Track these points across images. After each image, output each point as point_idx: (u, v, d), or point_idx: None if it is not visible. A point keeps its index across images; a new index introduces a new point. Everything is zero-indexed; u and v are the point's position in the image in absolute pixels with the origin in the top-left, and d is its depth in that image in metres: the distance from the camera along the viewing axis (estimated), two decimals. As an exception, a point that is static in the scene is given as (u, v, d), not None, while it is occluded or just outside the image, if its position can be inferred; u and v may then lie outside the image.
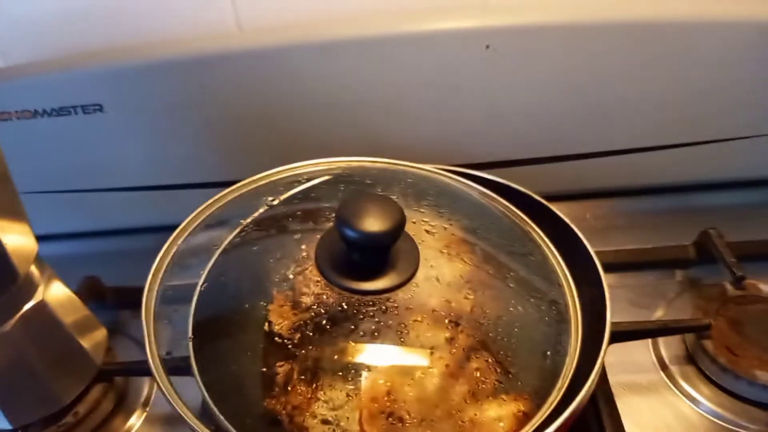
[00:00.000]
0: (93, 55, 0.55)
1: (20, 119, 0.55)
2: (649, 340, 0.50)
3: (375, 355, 0.37)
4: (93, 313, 0.49)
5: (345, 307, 0.37)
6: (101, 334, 0.49)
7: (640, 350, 0.50)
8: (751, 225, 0.58)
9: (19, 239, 0.41)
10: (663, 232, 0.58)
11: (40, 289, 0.43)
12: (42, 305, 0.43)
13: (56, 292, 0.45)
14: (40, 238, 0.43)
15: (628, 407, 0.46)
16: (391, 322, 0.37)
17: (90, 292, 0.55)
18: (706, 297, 0.51)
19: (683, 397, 0.47)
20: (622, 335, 0.45)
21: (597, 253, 0.43)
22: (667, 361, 0.49)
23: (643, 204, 0.63)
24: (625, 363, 0.49)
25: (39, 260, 0.44)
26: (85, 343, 0.46)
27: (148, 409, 0.50)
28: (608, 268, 0.53)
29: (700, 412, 0.46)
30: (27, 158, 0.57)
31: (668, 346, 0.50)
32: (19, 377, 0.43)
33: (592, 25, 0.52)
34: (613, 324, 0.39)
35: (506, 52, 0.53)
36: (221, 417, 0.34)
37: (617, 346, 0.46)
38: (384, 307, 0.37)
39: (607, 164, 0.60)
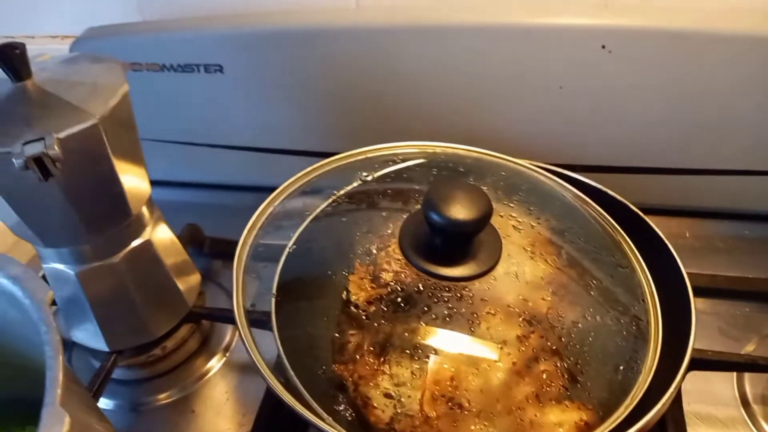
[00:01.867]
0: (219, 19, 0.57)
1: (149, 71, 0.59)
2: (734, 374, 0.47)
3: (444, 341, 0.37)
4: (191, 258, 0.53)
5: (421, 288, 0.37)
6: (196, 278, 0.53)
7: (723, 383, 0.47)
8: None
9: (135, 181, 0.44)
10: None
11: (148, 229, 0.47)
12: (148, 244, 0.47)
13: (162, 234, 0.49)
14: (152, 183, 0.47)
15: (699, 439, 0.44)
16: (464, 310, 0.37)
17: (191, 238, 0.59)
18: (805, 339, 0.47)
19: (762, 439, 0.44)
20: (704, 363, 0.43)
21: (690, 274, 0.41)
22: (750, 398, 0.46)
23: (749, 230, 0.59)
24: (703, 393, 0.46)
25: (151, 203, 0.48)
26: (181, 284, 0.50)
27: (228, 355, 0.53)
28: (701, 293, 0.52)
29: (778, 458, 0.43)
30: (150, 108, 0.61)
31: (754, 384, 0.47)
32: (119, 306, 0.47)
33: (712, 34, 0.49)
34: (696, 351, 0.37)
35: (621, 54, 0.51)
36: (292, 373, 0.36)
37: (698, 375, 0.44)
38: (459, 295, 0.37)
39: (714, 183, 0.57)
